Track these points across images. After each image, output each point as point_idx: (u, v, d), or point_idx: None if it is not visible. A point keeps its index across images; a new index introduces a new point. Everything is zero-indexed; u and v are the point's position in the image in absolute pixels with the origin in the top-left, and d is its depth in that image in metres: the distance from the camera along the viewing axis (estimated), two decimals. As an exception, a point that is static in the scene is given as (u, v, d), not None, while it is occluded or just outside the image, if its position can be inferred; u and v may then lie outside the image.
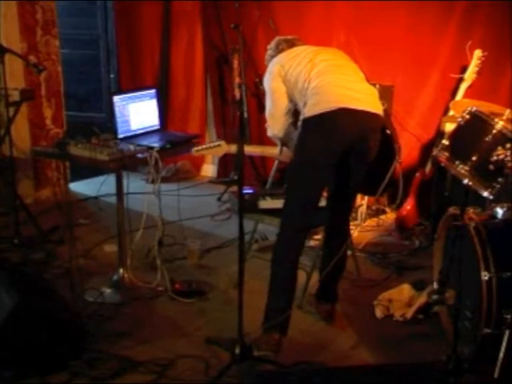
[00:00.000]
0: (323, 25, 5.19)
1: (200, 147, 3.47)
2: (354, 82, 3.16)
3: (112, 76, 6.47)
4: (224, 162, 6.15)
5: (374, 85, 4.70)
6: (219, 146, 3.45)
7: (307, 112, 3.07)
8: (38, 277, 3.36)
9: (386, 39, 4.99)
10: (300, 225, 3.16)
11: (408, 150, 5.05)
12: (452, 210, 3.17)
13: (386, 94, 4.80)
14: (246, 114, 2.77)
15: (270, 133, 3.40)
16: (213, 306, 3.64)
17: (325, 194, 3.34)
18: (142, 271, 3.95)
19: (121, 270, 3.78)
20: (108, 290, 3.71)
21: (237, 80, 5.31)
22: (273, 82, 3.26)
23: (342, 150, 3.06)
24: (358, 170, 3.18)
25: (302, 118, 3.14)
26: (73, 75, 6.16)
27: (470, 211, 3.07)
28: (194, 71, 6.12)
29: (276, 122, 3.32)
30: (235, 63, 5.31)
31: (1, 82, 4.28)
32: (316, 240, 4.03)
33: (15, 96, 4.49)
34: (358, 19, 5.06)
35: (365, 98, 3.11)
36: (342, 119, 3.02)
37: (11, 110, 4.41)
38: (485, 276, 2.82)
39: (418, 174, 4.69)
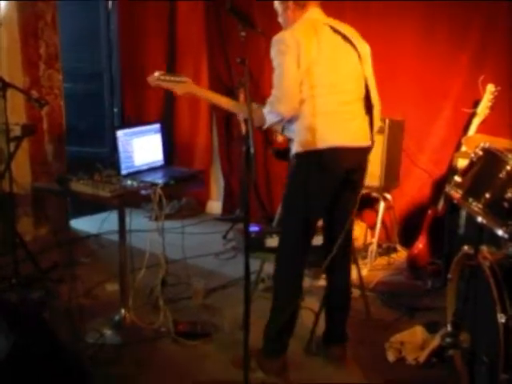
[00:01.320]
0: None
1: (161, 76, 3.37)
2: (348, 107, 3.16)
3: (115, 110, 6.52)
4: (229, 199, 6.16)
5: (383, 120, 4.78)
6: (184, 82, 3.36)
7: (297, 147, 3.12)
8: (36, 318, 3.34)
9: (395, 72, 5.02)
10: (297, 258, 3.23)
11: (419, 187, 5.06)
12: (466, 248, 3.15)
13: (396, 129, 4.84)
14: (252, 150, 2.73)
15: (275, 110, 3.06)
16: (218, 349, 3.61)
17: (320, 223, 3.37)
18: (145, 311, 3.93)
19: (122, 311, 3.76)
20: (109, 331, 3.69)
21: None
22: (288, 57, 3.02)
23: (335, 183, 3.14)
24: (352, 199, 3.24)
25: (293, 151, 3.15)
26: (75, 109, 6.21)
27: (485, 250, 3.05)
28: (200, 105, 6.16)
29: (288, 99, 3.04)
30: (241, 97, 5.35)
31: (2, 117, 4.31)
32: (324, 279, 4.00)
33: (16, 131, 4.51)
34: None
35: (356, 131, 3.16)
36: (331, 158, 3.08)
37: (12, 146, 4.43)
38: (501, 318, 2.79)
39: (430, 212, 4.68)
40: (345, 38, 3.20)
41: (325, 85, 3.08)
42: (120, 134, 3.68)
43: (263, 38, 3.84)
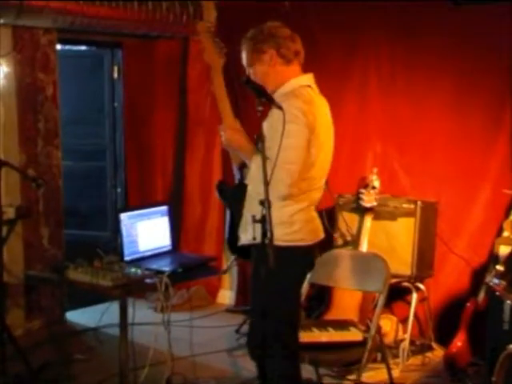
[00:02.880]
0: (356, 134, 5.31)
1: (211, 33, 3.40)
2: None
3: (119, 190, 6.59)
4: (244, 288, 6.12)
5: (415, 201, 4.80)
6: (219, 57, 3.39)
7: (280, 240, 3.05)
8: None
9: (427, 149, 5.07)
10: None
11: (456, 276, 5.02)
12: None
13: (429, 212, 4.85)
14: (268, 234, 2.73)
15: (282, 191, 3.11)
16: None
17: None
18: (147, 417, 3.87)
19: (122, 415, 3.71)
20: None
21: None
22: (305, 136, 3.08)
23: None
24: None
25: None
26: (75, 189, 6.29)
27: (533, 349, 3.01)
28: (211, 186, 6.20)
29: (294, 184, 3.09)
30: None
31: (-5, 198, 4.36)
32: (350, 380, 3.95)
33: (10, 213, 4.56)
34: (395, 127, 5.18)
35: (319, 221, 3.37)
36: (311, 253, 3.32)
37: (4, 229, 4.47)
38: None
39: (469, 304, 4.62)
40: (328, 116, 3.33)
41: (311, 178, 3.20)
42: (123, 216, 3.73)
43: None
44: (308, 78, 3.29)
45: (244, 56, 3.34)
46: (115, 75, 6.51)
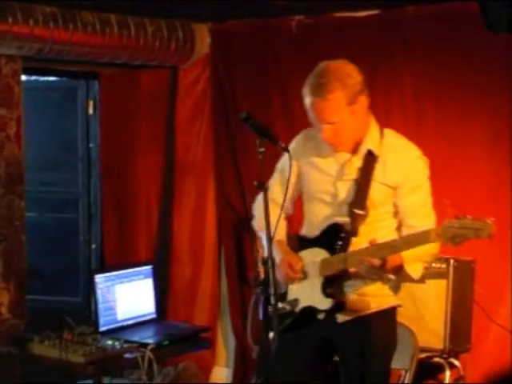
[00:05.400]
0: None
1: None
2: None
3: (93, 247, 6.57)
4: (243, 365, 6.07)
5: (447, 260, 4.80)
6: None
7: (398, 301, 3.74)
8: None
9: (461, 198, 5.02)
10: None
11: (498, 350, 4.98)
12: None
13: (464, 273, 4.83)
14: (273, 299, 2.72)
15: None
16: None
17: None
18: None
19: None
20: None
21: (260, 253, 5.36)
22: None
23: None
24: None
25: (390, 304, 3.61)
26: (41, 246, 6.27)
27: None
28: (204, 242, 6.20)
29: None
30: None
31: None
32: None
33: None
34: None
35: None
36: None
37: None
38: None
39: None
40: None
41: None
42: (99, 278, 3.72)
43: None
44: None
45: (328, 109, 3.39)
46: (90, 111, 6.53)
